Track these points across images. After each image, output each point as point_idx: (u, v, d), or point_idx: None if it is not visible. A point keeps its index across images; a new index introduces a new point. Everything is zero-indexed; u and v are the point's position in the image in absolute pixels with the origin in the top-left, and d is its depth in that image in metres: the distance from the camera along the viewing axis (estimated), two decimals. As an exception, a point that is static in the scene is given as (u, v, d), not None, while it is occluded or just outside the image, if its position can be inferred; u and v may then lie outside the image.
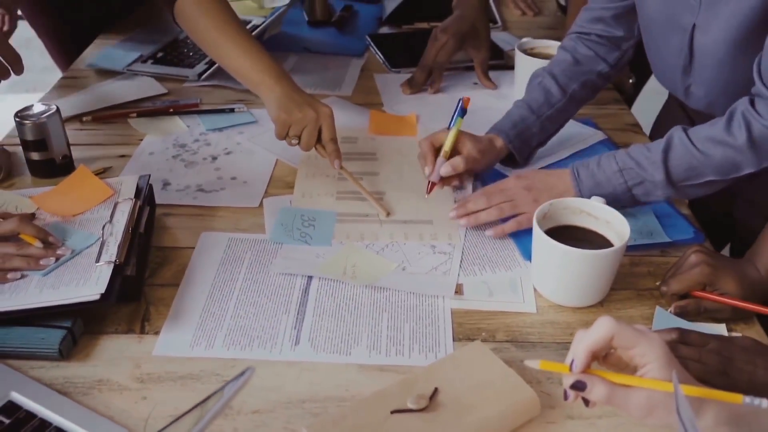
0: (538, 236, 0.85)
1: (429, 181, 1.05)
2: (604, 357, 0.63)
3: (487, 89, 1.41)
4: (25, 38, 1.13)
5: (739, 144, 0.88)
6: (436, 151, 1.06)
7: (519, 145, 1.10)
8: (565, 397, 0.62)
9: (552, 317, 0.86)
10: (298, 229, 1.00)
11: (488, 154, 1.08)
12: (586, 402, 0.62)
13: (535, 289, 0.90)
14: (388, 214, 1.03)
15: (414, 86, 1.39)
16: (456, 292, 0.89)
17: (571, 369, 0.61)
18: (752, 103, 0.89)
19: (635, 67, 1.41)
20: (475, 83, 1.43)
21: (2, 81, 1.01)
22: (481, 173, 1.12)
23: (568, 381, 0.61)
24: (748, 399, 0.54)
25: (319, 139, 1.08)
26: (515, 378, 0.74)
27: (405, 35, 1.65)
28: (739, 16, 0.89)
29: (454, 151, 1.05)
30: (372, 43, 1.59)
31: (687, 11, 0.95)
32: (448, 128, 1.07)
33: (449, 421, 0.69)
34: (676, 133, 0.93)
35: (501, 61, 1.50)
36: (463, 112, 1.07)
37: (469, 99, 1.10)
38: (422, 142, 1.08)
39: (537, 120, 1.11)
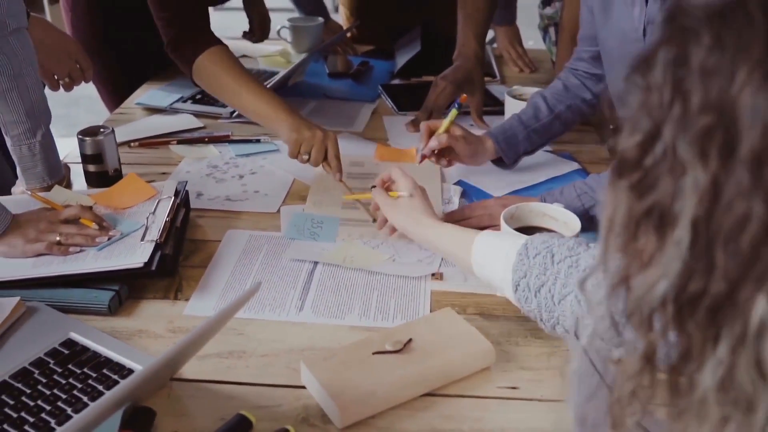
0: (505, 230, 1.03)
1: (421, 154, 1.33)
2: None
3: (482, 130, 1.60)
4: (75, 96, 1.38)
5: None
6: (432, 133, 1.33)
7: (506, 148, 1.34)
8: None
9: (515, 297, 1.03)
10: (308, 229, 1.19)
11: (476, 146, 1.33)
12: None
13: (503, 278, 1.07)
14: (374, 220, 1.20)
15: (416, 125, 1.59)
16: (436, 278, 1.06)
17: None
18: None
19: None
20: (471, 125, 1.62)
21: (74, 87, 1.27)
22: (468, 183, 1.31)
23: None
24: None
25: (325, 158, 1.28)
26: (476, 334, 0.90)
27: (413, 85, 1.86)
28: None
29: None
30: (383, 92, 1.80)
31: (634, 47, 1.15)
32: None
33: (419, 360, 0.85)
34: None
35: (497, 108, 1.70)
36: (459, 105, 1.33)
37: (466, 97, 1.37)
38: (423, 124, 1.35)
39: (525, 130, 1.34)
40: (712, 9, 0.37)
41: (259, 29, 2.07)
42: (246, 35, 2.08)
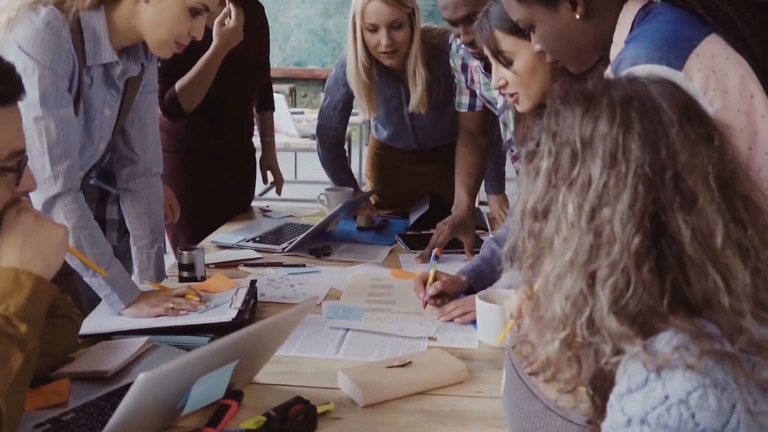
0: (479, 303, 1.49)
1: (424, 301, 1.73)
2: None
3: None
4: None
5: None
6: (425, 282, 1.76)
7: (476, 281, 1.79)
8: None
9: (486, 350, 1.47)
10: (342, 313, 1.66)
11: (456, 284, 1.77)
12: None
13: (479, 341, 1.51)
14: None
15: (424, 258, 2.09)
16: (432, 339, 1.51)
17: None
18: None
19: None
20: (465, 260, 2.12)
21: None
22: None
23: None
24: None
25: None
26: (455, 360, 1.35)
27: (422, 235, 2.39)
28: None
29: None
30: (399, 239, 2.33)
31: None
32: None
33: (415, 371, 1.29)
34: None
35: (486, 250, 2.21)
36: (436, 257, 1.81)
37: (441, 250, 1.86)
38: (416, 279, 1.79)
39: (488, 267, 1.80)
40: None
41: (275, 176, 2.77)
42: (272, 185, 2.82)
